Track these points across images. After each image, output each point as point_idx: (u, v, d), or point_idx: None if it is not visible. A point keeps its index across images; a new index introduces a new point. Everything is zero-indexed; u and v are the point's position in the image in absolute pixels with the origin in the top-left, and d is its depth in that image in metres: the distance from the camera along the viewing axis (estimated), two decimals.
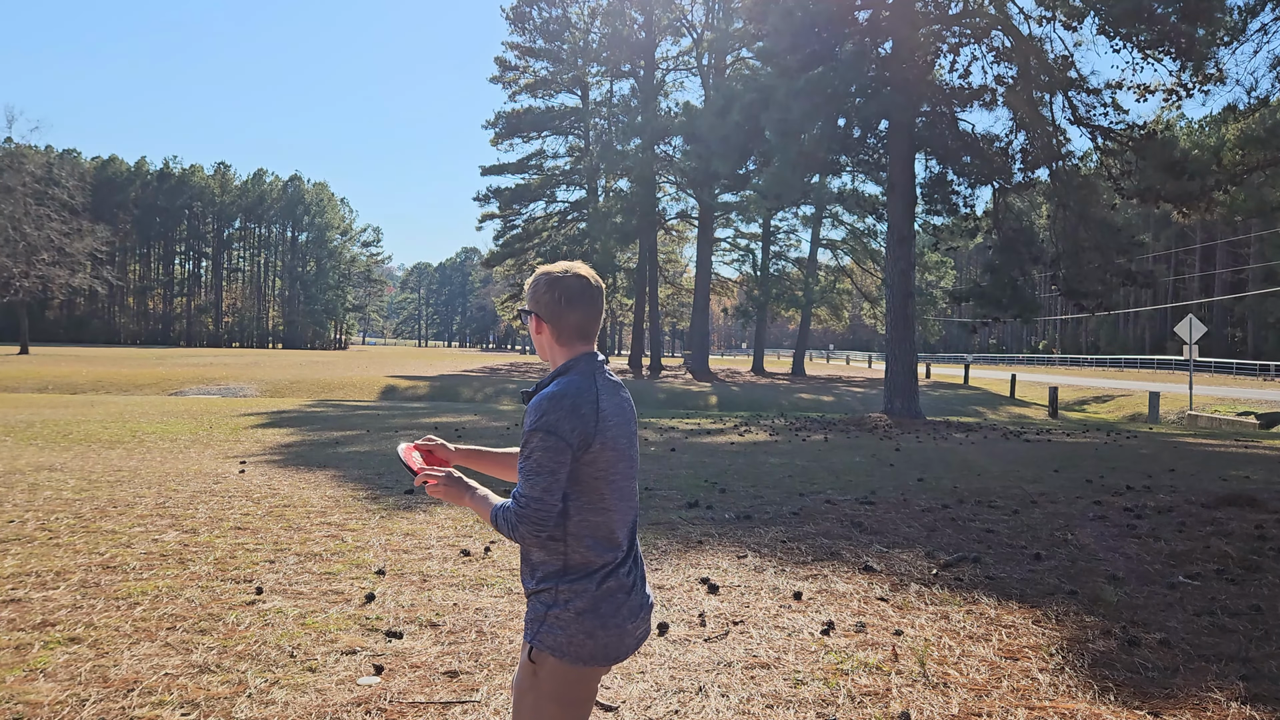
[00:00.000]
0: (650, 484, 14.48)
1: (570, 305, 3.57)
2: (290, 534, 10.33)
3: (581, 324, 3.59)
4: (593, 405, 3.42)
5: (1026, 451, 21.49)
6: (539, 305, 3.61)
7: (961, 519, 11.96)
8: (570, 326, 3.58)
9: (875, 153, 34.32)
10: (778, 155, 30.39)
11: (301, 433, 22.49)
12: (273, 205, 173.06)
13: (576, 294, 3.57)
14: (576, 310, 3.58)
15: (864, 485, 14.90)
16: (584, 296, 3.59)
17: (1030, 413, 45.18)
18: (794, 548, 10.12)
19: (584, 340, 3.61)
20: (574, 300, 3.57)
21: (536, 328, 3.65)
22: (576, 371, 3.52)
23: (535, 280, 3.64)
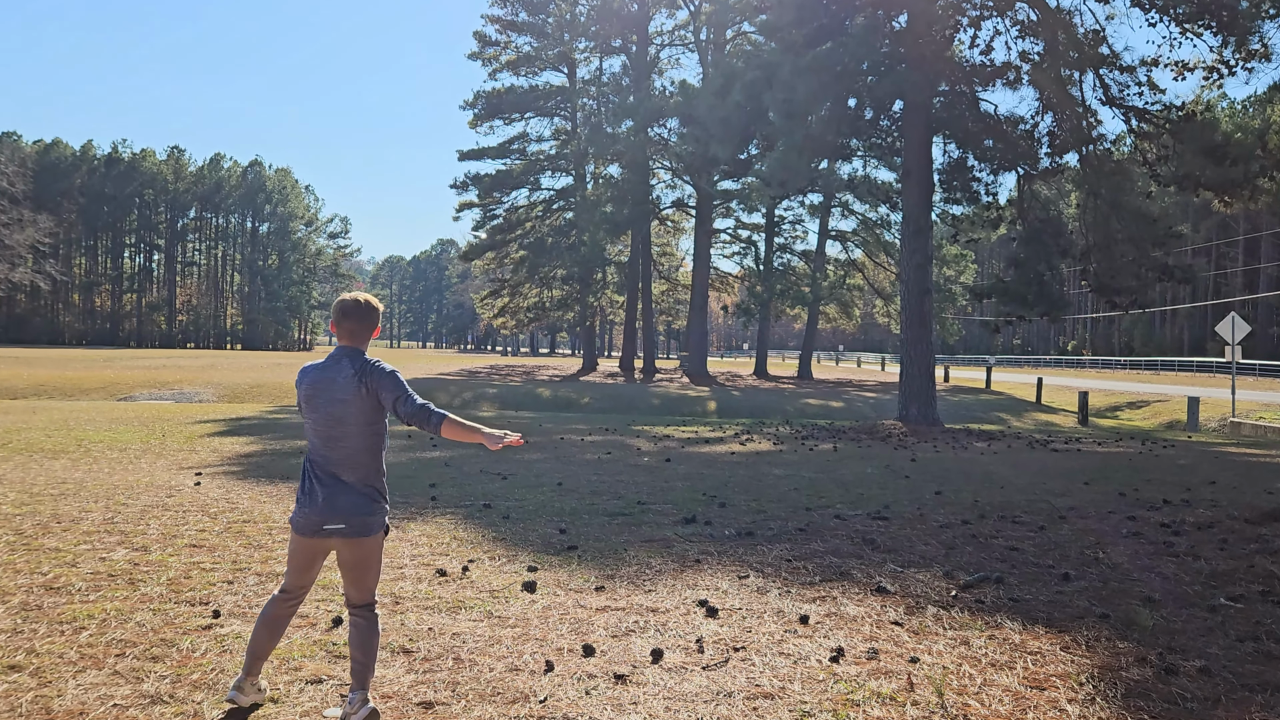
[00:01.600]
0: (644, 497, 14.50)
1: (341, 316, 5.96)
2: (250, 552, 10.33)
3: (344, 328, 5.96)
4: (306, 374, 5.94)
5: (1054, 462, 21.51)
6: (332, 311, 6.06)
7: (983, 536, 11.98)
8: (340, 329, 5.96)
9: (889, 136, 34.36)
10: (782, 139, 30.40)
11: (263, 441, 22.48)
12: (231, 193, 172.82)
13: (347, 308, 5.96)
14: (342, 319, 5.96)
15: (876, 499, 14.92)
16: (345, 309, 5.96)
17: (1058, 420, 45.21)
18: (800, 567, 10.13)
19: (343, 338, 5.97)
20: (345, 313, 5.96)
21: (333, 328, 6.00)
22: (329, 356, 6.00)
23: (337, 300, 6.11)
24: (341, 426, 5.85)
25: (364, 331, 6.01)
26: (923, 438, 27.58)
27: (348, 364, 5.89)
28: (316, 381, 5.89)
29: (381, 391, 5.83)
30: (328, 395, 5.85)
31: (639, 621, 8.07)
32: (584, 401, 47.14)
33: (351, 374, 5.84)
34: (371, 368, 5.88)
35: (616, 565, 10.06)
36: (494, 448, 5.86)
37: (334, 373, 5.88)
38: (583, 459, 20.06)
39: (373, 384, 5.82)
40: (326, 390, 5.86)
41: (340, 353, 5.96)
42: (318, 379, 5.89)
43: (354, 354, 5.96)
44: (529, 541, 11.18)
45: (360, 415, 5.85)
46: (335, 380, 5.85)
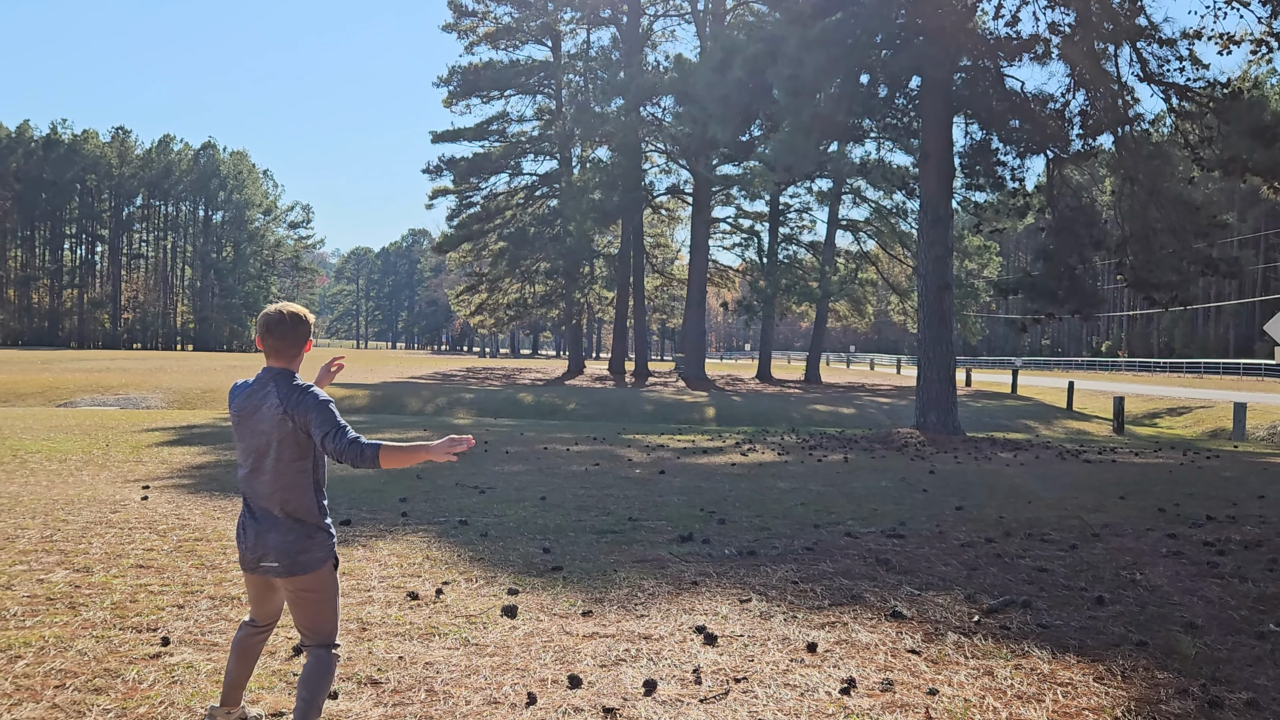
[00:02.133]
0: (636, 513, 14.50)
1: (264, 332, 5.84)
2: (203, 573, 10.32)
3: (267, 344, 5.84)
4: (235, 395, 5.93)
5: (1087, 474, 21.53)
6: (257, 328, 5.95)
7: (1009, 555, 11.99)
8: (264, 345, 5.85)
9: (905, 116, 34.39)
10: (788, 118, 30.42)
11: (216, 451, 22.45)
12: (181, 179, 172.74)
13: (271, 322, 5.83)
14: (264, 335, 5.84)
15: (891, 515, 14.93)
16: (269, 323, 5.83)
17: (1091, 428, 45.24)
18: (807, 590, 10.13)
19: (269, 357, 5.86)
20: (268, 328, 5.83)
21: (258, 343, 5.88)
22: (255, 378, 5.92)
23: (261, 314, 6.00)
24: (265, 459, 5.75)
25: (290, 349, 5.86)
26: (942, 448, 27.60)
27: (273, 391, 5.76)
28: (243, 408, 5.84)
29: (310, 426, 5.67)
30: (251, 425, 5.80)
31: (630, 649, 8.06)
32: (570, 408, 47.13)
33: (276, 404, 5.72)
34: (300, 399, 5.71)
35: (605, 588, 10.05)
36: (444, 458, 5.65)
37: (259, 399, 5.79)
38: (568, 471, 20.06)
39: (300, 418, 5.68)
40: (251, 418, 5.80)
41: (267, 375, 5.84)
42: (244, 405, 5.84)
43: (281, 377, 5.82)
44: (509, 561, 11.17)
45: (287, 450, 5.74)
46: (260, 409, 5.77)
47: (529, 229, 72.34)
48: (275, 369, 5.81)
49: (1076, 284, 32.01)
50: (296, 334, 5.85)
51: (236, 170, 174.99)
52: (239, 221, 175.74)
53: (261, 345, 5.82)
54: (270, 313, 5.81)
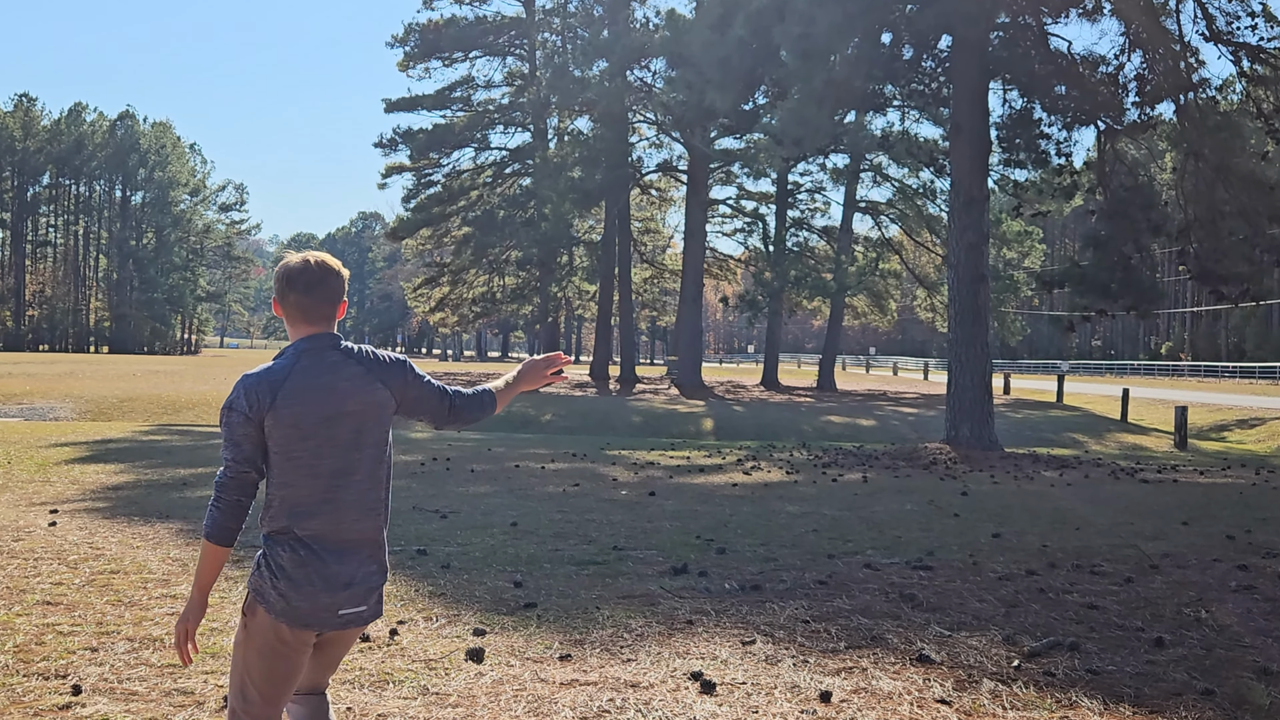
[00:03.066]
0: (621, 541, 14.51)
1: (291, 284, 5.16)
2: (120, 610, 10.30)
3: (302, 305, 5.15)
4: (274, 385, 5.02)
5: (1143, 496, 21.58)
6: (274, 286, 5.23)
7: (1053, 590, 12.00)
8: (292, 306, 5.17)
9: (933, 81, 34.43)
10: (797, 84, 30.45)
11: (136, 470, 22.43)
12: (95, 154, 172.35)
13: (296, 274, 5.15)
14: (295, 289, 5.14)
15: (918, 543, 14.96)
16: (302, 277, 5.14)
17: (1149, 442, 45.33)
18: (820, 630, 10.14)
19: (308, 323, 5.18)
20: (294, 280, 5.15)
21: (275, 309, 5.26)
22: (285, 354, 5.16)
23: (278, 267, 5.29)
24: (353, 454, 5.14)
25: (334, 308, 5.23)
26: (976, 465, 27.65)
27: (342, 358, 5.17)
28: (304, 392, 5.03)
29: (410, 389, 5.35)
30: (325, 410, 5.06)
31: (615, 699, 8.06)
32: (545, 419, 47.16)
33: (362, 371, 5.18)
34: (387, 359, 5.32)
35: (586, 628, 10.05)
36: (539, 384, 5.85)
37: (330, 375, 5.10)
38: (543, 492, 20.08)
39: (396, 383, 5.29)
40: (322, 402, 5.06)
41: (313, 345, 5.15)
42: (304, 388, 5.04)
43: (336, 342, 5.20)
44: (475, 597, 11.17)
45: (377, 435, 5.22)
46: (334, 386, 5.08)
47: (498, 212, 72.34)
48: (322, 335, 5.19)
49: (1132, 276, 32.06)
50: (339, 287, 5.28)
51: (159, 144, 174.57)
52: (162, 204, 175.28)
53: (292, 309, 5.18)
54: (296, 264, 5.19)
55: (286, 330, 5.25)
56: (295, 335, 5.19)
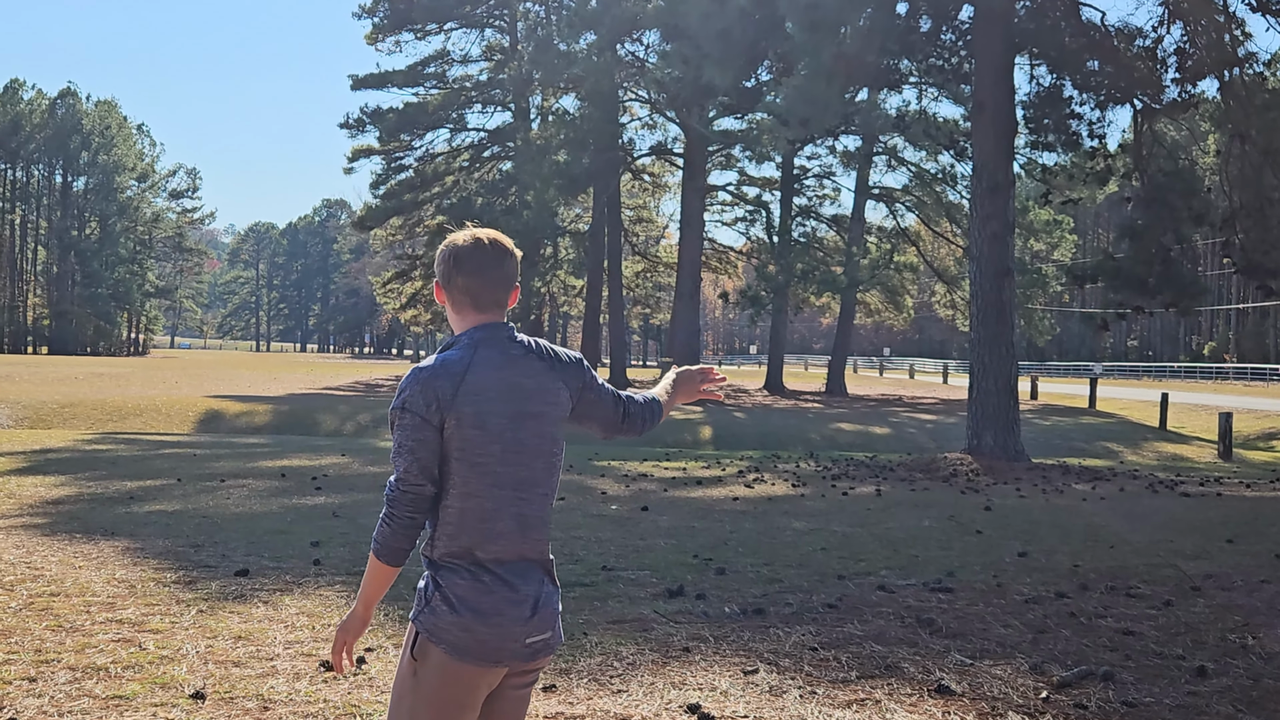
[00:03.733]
0: (611, 560, 14.50)
1: (459, 266, 4.93)
2: (60, 637, 10.28)
3: (472, 289, 4.93)
4: (454, 378, 4.74)
5: (1185, 511, 21.59)
6: (436, 268, 5.04)
7: (1085, 614, 12.01)
8: (461, 291, 4.95)
9: (954, 55, 34.45)
10: (805, 59, 30.45)
11: (77, 483, 22.40)
12: (33, 135, 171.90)
13: (467, 253, 4.93)
14: (465, 272, 4.92)
15: (937, 563, 14.97)
16: (475, 257, 4.93)
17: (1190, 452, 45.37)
18: (830, 659, 10.14)
19: (478, 309, 4.95)
20: (463, 261, 4.93)
21: (437, 294, 5.06)
22: (458, 345, 4.89)
23: (440, 247, 5.04)
24: (536, 462, 4.93)
25: (507, 294, 5.03)
26: (1001, 477, 27.66)
27: (523, 351, 4.97)
28: (488, 387, 4.81)
29: (586, 390, 5.19)
30: (511, 409, 4.84)
31: None
32: None
33: (543, 367, 4.99)
34: (567, 356, 5.14)
35: (573, 655, 10.05)
36: (694, 396, 5.74)
37: (510, 369, 4.88)
38: None
39: (575, 383, 5.12)
40: (508, 400, 4.85)
41: (489, 334, 4.93)
42: (488, 382, 4.82)
43: (512, 332, 4.99)
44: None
45: (558, 440, 5.03)
46: (519, 383, 4.88)
47: (475, 199, 72.26)
48: (495, 325, 4.97)
49: (1171, 269, 32.07)
50: (514, 270, 5.07)
51: (103, 125, 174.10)
52: (107, 190, 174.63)
53: (459, 296, 4.97)
54: (465, 242, 4.98)
55: (450, 319, 5.06)
56: (462, 325, 4.98)
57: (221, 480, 22.87)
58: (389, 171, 76.47)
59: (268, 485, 22.44)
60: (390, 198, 75.13)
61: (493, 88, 74.73)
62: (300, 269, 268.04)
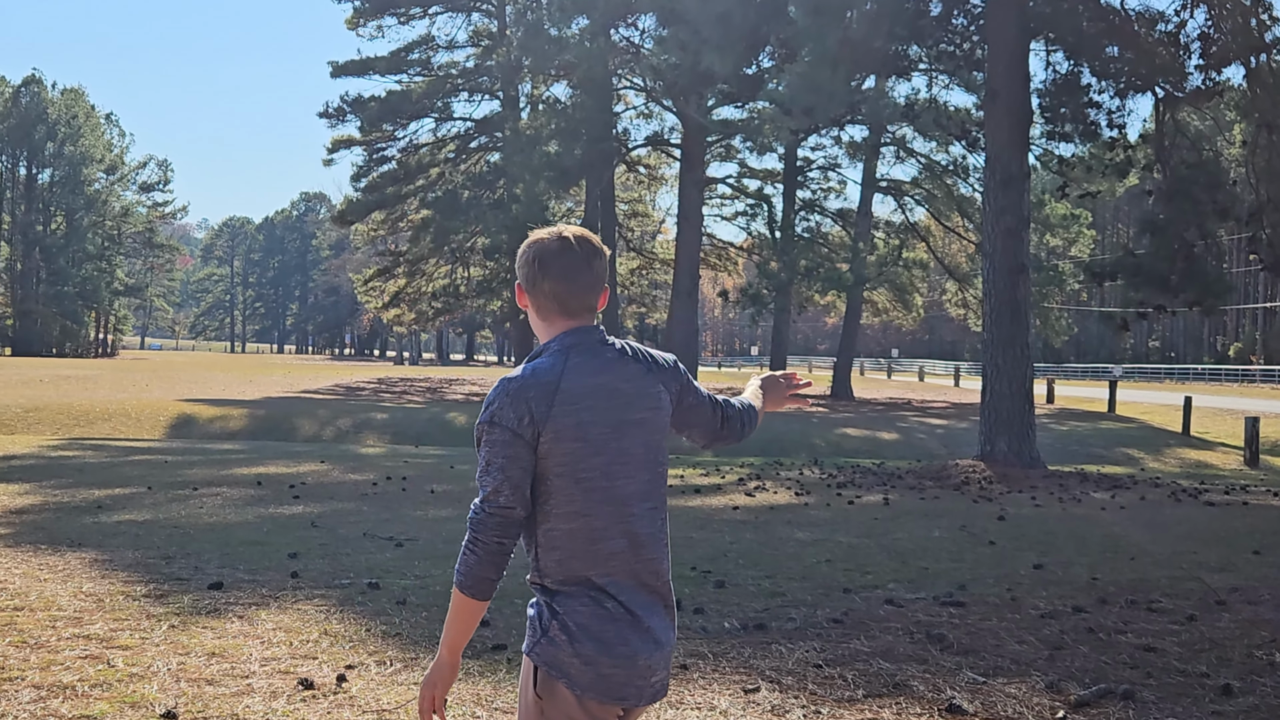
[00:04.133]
0: None
1: (545, 269, 4.73)
2: (24, 653, 10.27)
3: (560, 294, 4.74)
4: (548, 388, 4.55)
5: (1209, 521, 21.60)
6: (518, 271, 4.87)
7: (1104, 630, 12.01)
8: (547, 296, 4.76)
9: (966, 40, 34.45)
10: (808, 44, 30.45)
11: (42, 491, 22.38)
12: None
13: (553, 255, 4.73)
14: (552, 275, 4.72)
15: (948, 575, 14.97)
16: (563, 258, 4.72)
17: (1215, 458, 45.34)
18: (835, 676, 10.13)
19: (566, 314, 4.77)
20: (549, 262, 4.73)
21: (520, 299, 4.91)
22: (548, 353, 4.71)
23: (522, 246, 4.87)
24: (644, 473, 4.79)
25: (597, 297, 4.86)
26: (1015, 485, 27.65)
27: (618, 354, 4.84)
28: (585, 395, 4.67)
29: (687, 396, 5.07)
30: (612, 417, 4.71)
31: None
32: None
33: (640, 371, 4.86)
34: (672, 360, 5.02)
35: None
36: (782, 402, 5.73)
37: (606, 375, 4.74)
38: None
39: (675, 386, 4.99)
40: (608, 407, 4.71)
41: (581, 339, 4.78)
42: (585, 390, 4.68)
43: (603, 336, 4.85)
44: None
45: (663, 449, 4.88)
46: (618, 388, 4.75)
47: (462, 192, 72.32)
48: (587, 329, 4.83)
49: (1195, 266, 32.06)
50: (605, 273, 4.93)
51: (70, 114, 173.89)
52: (73, 183, 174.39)
53: (551, 298, 4.80)
54: (551, 240, 4.83)
55: (534, 324, 4.91)
56: (548, 332, 4.81)
57: (194, 488, 22.86)
58: (371, 163, 76.48)
59: (243, 494, 22.44)
60: (372, 191, 75.15)
61: (480, 75, 74.75)
62: (277, 266, 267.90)
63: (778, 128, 41.22)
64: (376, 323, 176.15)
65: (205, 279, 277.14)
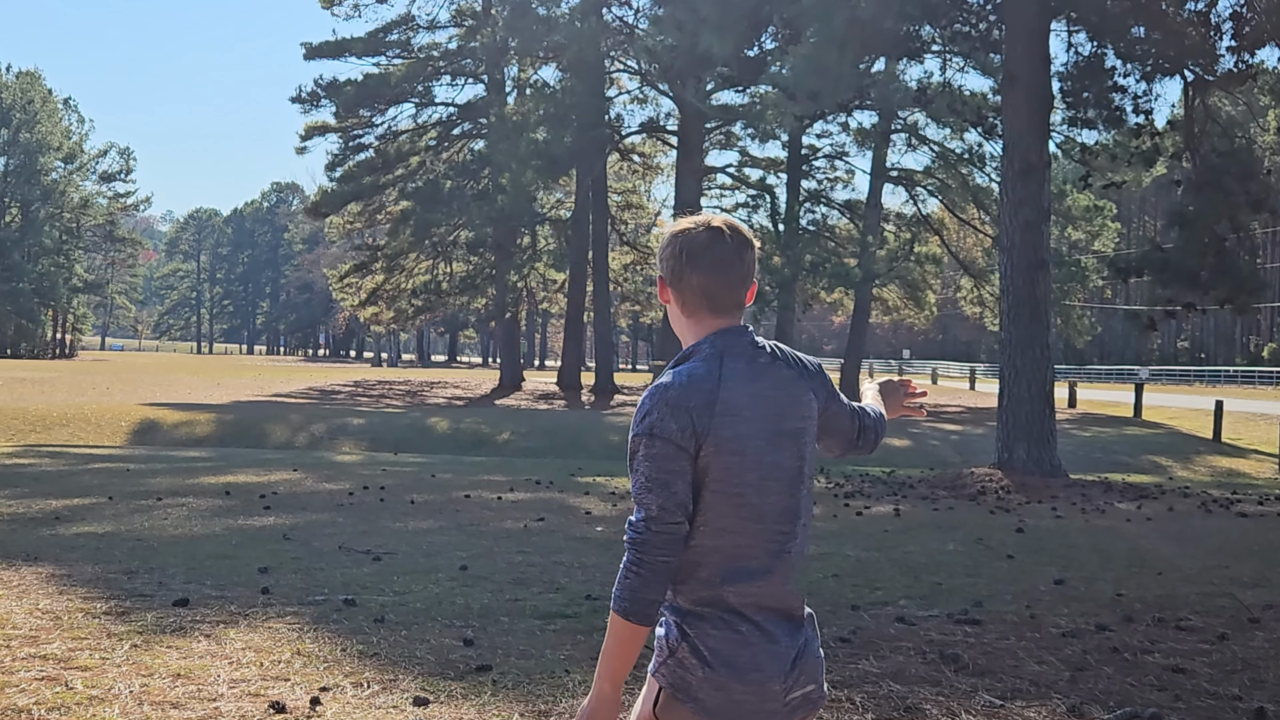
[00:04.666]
0: (597, 589, 14.47)
1: (693, 262, 4.65)
2: None
3: (709, 288, 4.66)
4: (708, 397, 4.47)
5: (1241, 533, 21.61)
6: (661, 264, 4.80)
7: (1130, 649, 12.01)
8: (694, 291, 4.68)
9: (982, 21, 34.44)
10: (814, 24, 30.46)
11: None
12: None
13: (702, 246, 4.65)
14: (700, 269, 4.64)
15: (963, 591, 14.97)
16: (713, 250, 4.64)
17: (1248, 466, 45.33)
18: (843, 699, 10.14)
19: (715, 312, 4.68)
20: (698, 255, 4.65)
21: (662, 294, 4.83)
22: (699, 356, 4.62)
23: (664, 235, 4.81)
24: (796, 488, 4.74)
25: (746, 292, 4.78)
26: (1035, 495, 27.66)
27: (770, 358, 4.76)
28: (743, 404, 4.61)
29: (832, 403, 5.02)
30: (768, 428, 4.66)
31: None
32: (502, 438, 47.17)
33: (792, 376, 4.80)
34: (804, 360, 4.92)
35: (554, 695, 10.03)
36: (899, 410, 5.80)
37: (761, 382, 4.68)
38: (500, 528, 20.08)
39: (823, 392, 4.94)
40: (764, 418, 4.66)
41: (733, 342, 4.69)
42: (742, 398, 4.62)
43: (753, 337, 4.76)
44: (416, 658, 11.14)
45: (813, 461, 4.87)
46: (773, 397, 4.70)
47: (444, 182, 72.32)
48: (735, 330, 4.75)
49: (1226, 261, 32.06)
50: (755, 266, 4.83)
51: (25, 99, 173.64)
52: (29, 172, 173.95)
53: (700, 293, 4.72)
54: (699, 230, 4.75)
55: (677, 323, 4.85)
56: (694, 331, 4.74)
57: (158, 498, 22.85)
58: (346, 151, 76.44)
59: (210, 504, 22.42)
60: (348, 181, 75.06)
61: (463, 57, 74.70)
62: (247, 261, 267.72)
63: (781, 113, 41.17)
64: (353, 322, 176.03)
65: (170, 275, 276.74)
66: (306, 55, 75.12)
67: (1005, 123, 32.22)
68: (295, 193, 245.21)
